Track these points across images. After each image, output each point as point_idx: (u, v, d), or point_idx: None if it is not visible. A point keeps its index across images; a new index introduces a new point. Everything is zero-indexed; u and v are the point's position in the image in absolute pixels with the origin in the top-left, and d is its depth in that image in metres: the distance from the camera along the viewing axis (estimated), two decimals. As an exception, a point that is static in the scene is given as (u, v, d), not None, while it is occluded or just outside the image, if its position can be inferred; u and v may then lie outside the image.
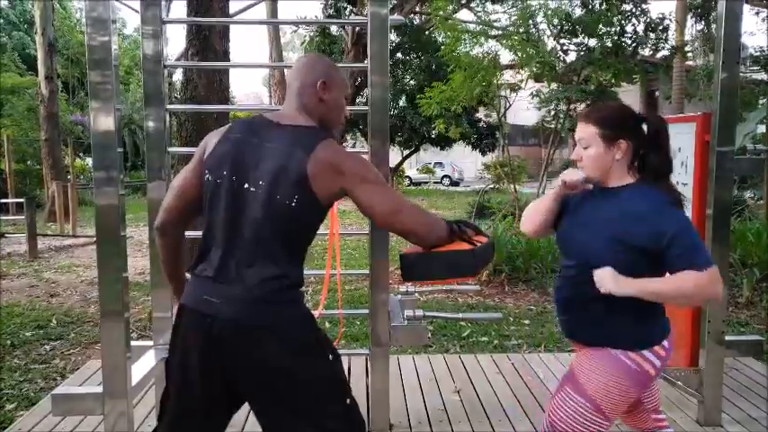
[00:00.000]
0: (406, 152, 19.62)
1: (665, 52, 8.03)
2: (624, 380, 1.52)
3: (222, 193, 1.41)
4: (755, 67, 10.15)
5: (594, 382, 1.54)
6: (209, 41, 4.02)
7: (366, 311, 2.50)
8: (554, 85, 7.85)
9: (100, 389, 1.97)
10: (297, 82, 1.52)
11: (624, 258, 1.48)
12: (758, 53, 10.10)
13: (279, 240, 1.39)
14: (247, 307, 1.37)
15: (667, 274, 1.47)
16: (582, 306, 1.59)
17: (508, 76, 9.16)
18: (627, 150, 1.55)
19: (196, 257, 1.47)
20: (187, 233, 1.67)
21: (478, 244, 1.56)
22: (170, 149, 2.40)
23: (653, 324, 1.57)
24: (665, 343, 1.56)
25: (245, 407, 1.53)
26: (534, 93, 8.41)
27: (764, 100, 9.16)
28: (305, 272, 1.49)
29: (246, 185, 1.39)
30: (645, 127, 1.58)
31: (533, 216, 1.75)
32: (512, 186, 8.31)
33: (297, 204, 1.37)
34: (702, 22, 11.87)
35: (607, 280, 1.47)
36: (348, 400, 1.47)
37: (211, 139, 1.50)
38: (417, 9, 13.77)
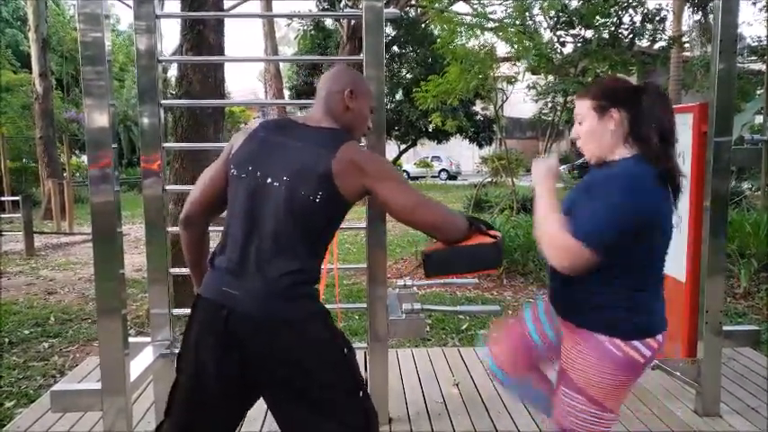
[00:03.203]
0: (403, 146, 19.62)
1: (662, 43, 8.02)
2: (613, 368, 1.46)
3: (246, 188, 1.44)
4: (753, 57, 10.15)
5: (584, 375, 1.49)
6: (203, 36, 3.99)
7: (364, 306, 2.50)
8: (551, 78, 7.84)
9: (98, 385, 1.97)
10: (325, 89, 1.59)
11: None
12: (755, 43, 10.10)
13: (299, 235, 1.41)
14: (265, 300, 1.38)
15: (565, 220, 1.41)
16: (570, 284, 1.50)
17: (505, 68, 9.14)
18: (620, 121, 1.48)
19: (217, 250, 1.50)
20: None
21: (497, 237, 1.57)
22: (165, 145, 2.38)
23: (649, 315, 1.51)
24: (659, 337, 1.51)
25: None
26: (531, 85, 8.41)
27: (762, 90, 9.16)
28: None
29: (270, 180, 1.42)
30: (644, 99, 1.49)
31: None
32: (509, 179, 8.32)
33: (321, 200, 1.40)
34: (699, 13, 11.86)
35: (537, 173, 1.52)
36: (362, 393, 1.49)
37: (238, 138, 1.55)
38: (413, 2, 13.73)
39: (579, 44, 7.09)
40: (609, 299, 1.48)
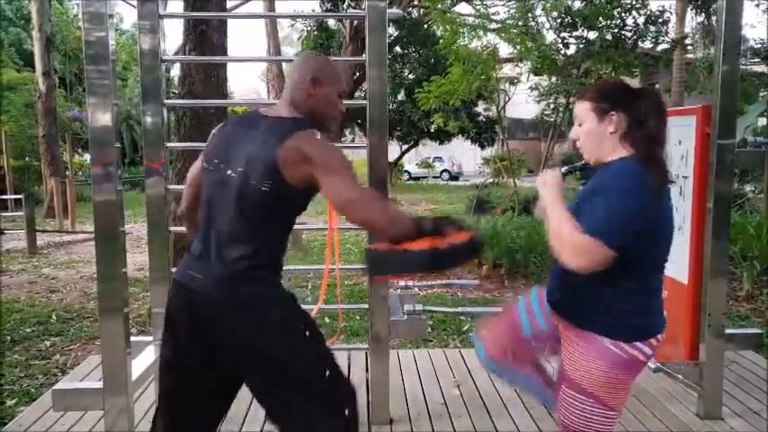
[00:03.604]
0: (405, 147, 19.61)
1: (664, 45, 8.00)
2: (616, 369, 1.48)
3: (211, 179, 1.54)
4: (756, 60, 10.12)
5: (586, 374, 1.50)
6: (206, 36, 4.00)
7: (366, 306, 2.50)
8: (553, 79, 7.83)
9: (100, 384, 1.97)
10: (291, 78, 1.62)
11: None
12: (759, 45, 10.07)
13: (253, 222, 1.47)
14: (223, 284, 1.46)
15: (574, 221, 1.42)
16: (572, 287, 1.52)
17: (507, 69, 9.13)
18: (619, 123, 1.51)
19: (194, 237, 1.61)
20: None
21: (455, 242, 1.46)
22: (168, 145, 2.39)
23: (649, 316, 1.52)
24: (659, 336, 1.53)
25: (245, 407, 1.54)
26: (533, 86, 8.39)
27: (765, 92, 9.14)
28: (304, 267, 1.53)
29: (229, 171, 1.49)
30: (643, 102, 1.53)
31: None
32: (511, 180, 8.31)
33: (269, 189, 1.44)
34: (702, 15, 11.83)
35: (542, 184, 1.52)
36: (328, 373, 1.53)
37: (212, 133, 1.66)
38: (416, 2, 13.72)
39: (582, 45, 7.07)
40: (611, 302, 1.49)
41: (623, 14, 6.96)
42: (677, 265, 2.46)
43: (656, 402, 2.72)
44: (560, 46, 7.27)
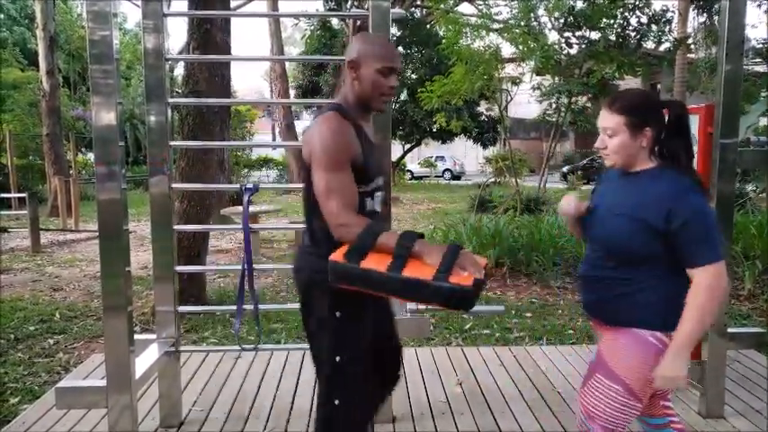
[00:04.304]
0: (408, 146, 19.60)
1: (667, 44, 7.99)
2: (654, 360, 1.54)
3: None
4: (757, 60, 10.10)
5: (625, 365, 1.56)
6: (210, 35, 4.01)
7: (368, 305, 2.50)
8: (556, 79, 7.83)
9: (103, 382, 1.98)
10: None
11: (640, 239, 1.51)
12: (760, 45, 10.05)
13: (305, 206, 1.66)
14: (294, 261, 1.73)
15: (685, 310, 1.49)
16: (606, 287, 1.60)
17: (510, 69, 9.13)
18: (651, 137, 1.57)
19: None
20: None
21: (402, 275, 1.37)
22: (172, 144, 2.40)
23: (679, 306, 1.57)
24: None
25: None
26: (536, 86, 8.39)
27: (766, 92, 9.11)
28: None
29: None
30: (665, 113, 1.60)
31: (573, 231, 1.83)
32: (513, 180, 8.30)
33: (304, 173, 1.60)
34: (704, 15, 11.80)
35: (668, 372, 1.49)
36: (339, 359, 1.60)
37: None
38: (418, 2, 13.72)
39: (585, 45, 7.07)
40: (650, 297, 1.55)
41: (626, 14, 6.95)
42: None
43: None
44: (563, 46, 7.27)
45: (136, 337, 2.13)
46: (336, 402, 1.59)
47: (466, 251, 1.43)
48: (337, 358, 1.59)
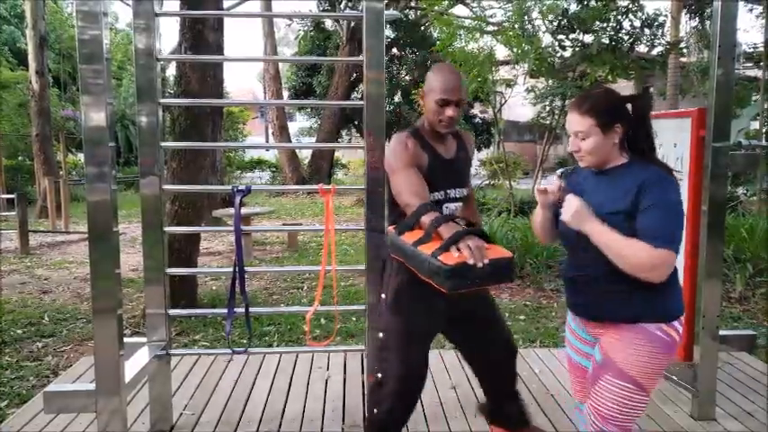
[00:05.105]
0: (401, 148, 19.55)
1: (659, 48, 8.05)
2: (660, 352, 1.56)
3: None
4: (748, 64, 10.19)
5: (634, 361, 1.56)
6: (202, 35, 3.98)
7: (362, 308, 2.49)
8: (550, 82, 7.87)
9: (93, 386, 1.95)
10: None
11: (625, 233, 1.52)
12: (751, 50, 10.15)
13: (388, 206, 2.08)
14: None
15: (624, 239, 1.51)
16: (601, 286, 1.61)
17: (504, 71, 9.16)
18: (621, 133, 1.60)
19: None
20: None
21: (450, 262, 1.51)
22: (163, 144, 2.37)
23: (677, 296, 1.63)
24: (681, 318, 1.63)
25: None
26: (529, 88, 8.42)
27: (757, 96, 9.20)
28: (300, 267, 1.58)
29: None
30: (629, 107, 1.64)
31: (540, 230, 1.84)
32: (507, 182, 8.32)
33: (387, 185, 2.00)
34: (697, 19, 11.89)
35: (571, 211, 1.56)
36: (382, 335, 1.98)
37: None
38: (413, 4, 13.74)
39: (578, 48, 7.10)
40: (649, 291, 1.55)
41: (619, 18, 6.99)
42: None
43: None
44: (557, 49, 7.30)
45: (126, 340, 2.11)
46: (379, 376, 2.02)
47: (472, 237, 1.57)
48: (381, 335, 2.00)
